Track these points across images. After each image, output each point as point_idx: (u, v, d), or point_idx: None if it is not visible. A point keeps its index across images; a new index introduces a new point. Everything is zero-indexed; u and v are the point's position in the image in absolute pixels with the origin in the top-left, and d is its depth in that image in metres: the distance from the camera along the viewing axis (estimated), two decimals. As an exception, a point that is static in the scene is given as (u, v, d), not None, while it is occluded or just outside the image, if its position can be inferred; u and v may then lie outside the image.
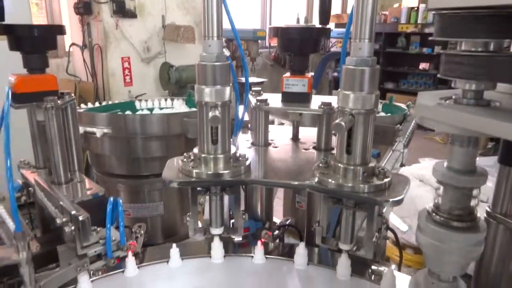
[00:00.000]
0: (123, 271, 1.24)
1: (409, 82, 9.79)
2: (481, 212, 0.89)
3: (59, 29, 1.36)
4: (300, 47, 1.42)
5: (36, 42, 1.28)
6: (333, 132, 1.43)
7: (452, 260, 0.83)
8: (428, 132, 7.91)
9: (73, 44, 4.66)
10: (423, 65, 9.48)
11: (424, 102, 0.80)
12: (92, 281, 1.19)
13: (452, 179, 0.81)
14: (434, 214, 0.85)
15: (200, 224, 1.33)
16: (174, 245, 1.29)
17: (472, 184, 0.81)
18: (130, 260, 1.22)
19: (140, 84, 4.70)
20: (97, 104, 2.29)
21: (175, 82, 4.59)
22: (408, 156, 1.79)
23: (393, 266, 1.26)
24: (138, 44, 4.69)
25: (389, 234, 1.43)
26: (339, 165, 1.09)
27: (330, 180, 1.08)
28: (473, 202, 0.83)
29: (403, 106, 2.24)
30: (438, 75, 0.84)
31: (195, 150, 1.24)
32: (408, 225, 3.04)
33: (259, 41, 6.20)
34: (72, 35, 4.80)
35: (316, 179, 1.11)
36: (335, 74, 9.55)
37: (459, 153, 0.81)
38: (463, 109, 0.76)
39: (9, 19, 1.28)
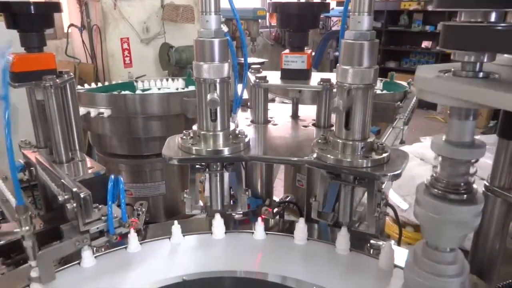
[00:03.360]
0: (126, 247, 1.26)
1: (412, 60, 9.68)
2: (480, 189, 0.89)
3: (56, 7, 1.35)
4: (299, 23, 1.40)
5: (33, 20, 1.27)
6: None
7: (450, 232, 0.84)
8: (430, 111, 7.88)
9: (71, 25, 4.61)
10: (425, 43, 9.35)
11: (423, 74, 0.80)
12: (95, 257, 1.21)
13: (450, 151, 0.80)
14: (431, 187, 0.86)
15: (201, 203, 1.34)
16: (175, 221, 1.31)
17: (469, 156, 0.81)
18: (133, 236, 1.24)
19: (140, 65, 4.66)
20: (97, 85, 2.28)
21: (175, 63, 4.55)
22: (409, 135, 1.78)
23: (392, 242, 1.27)
24: (137, 24, 4.63)
25: (389, 212, 1.45)
26: (338, 140, 1.09)
27: (329, 155, 1.08)
28: (471, 170, 0.83)
29: (404, 83, 2.23)
30: (438, 47, 0.83)
31: (195, 127, 1.24)
32: (409, 204, 3.07)
33: (260, 20, 6.11)
34: (70, 16, 4.74)
35: (315, 155, 1.11)
36: (336, 53, 9.46)
37: (457, 125, 0.80)
38: (462, 81, 0.75)
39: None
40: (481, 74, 0.76)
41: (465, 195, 0.83)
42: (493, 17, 0.74)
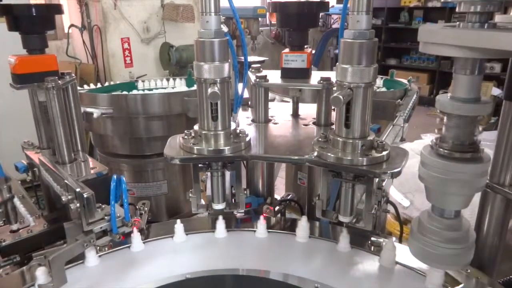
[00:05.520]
0: (129, 247, 1.27)
1: (412, 58, 9.64)
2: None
3: (57, 9, 1.36)
4: (298, 22, 1.41)
5: (34, 22, 1.28)
6: (333, 107, 1.44)
7: (456, 192, 0.83)
8: (431, 108, 7.87)
9: (72, 25, 4.62)
10: (426, 41, 9.32)
11: (428, 27, 0.77)
12: (99, 256, 1.22)
13: (456, 108, 0.79)
14: (437, 147, 0.84)
15: (203, 202, 1.35)
16: (178, 220, 1.32)
17: (476, 112, 0.79)
18: (136, 236, 1.25)
19: (140, 65, 4.67)
20: (98, 86, 2.29)
21: (176, 62, 4.56)
22: (410, 133, 1.79)
23: (394, 239, 1.28)
24: (137, 24, 4.64)
25: (391, 209, 1.46)
26: (338, 139, 1.10)
27: (329, 153, 1.09)
28: (476, 132, 0.82)
29: (404, 81, 2.23)
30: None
31: (196, 127, 1.25)
32: (410, 201, 3.07)
33: (260, 19, 6.10)
34: (70, 16, 4.75)
35: (316, 153, 1.12)
36: (337, 51, 9.44)
37: (462, 81, 0.79)
38: (469, 28, 0.73)
39: (5, 0, 1.28)
40: (487, 25, 0.74)
41: (471, 154, 0.82)
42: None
